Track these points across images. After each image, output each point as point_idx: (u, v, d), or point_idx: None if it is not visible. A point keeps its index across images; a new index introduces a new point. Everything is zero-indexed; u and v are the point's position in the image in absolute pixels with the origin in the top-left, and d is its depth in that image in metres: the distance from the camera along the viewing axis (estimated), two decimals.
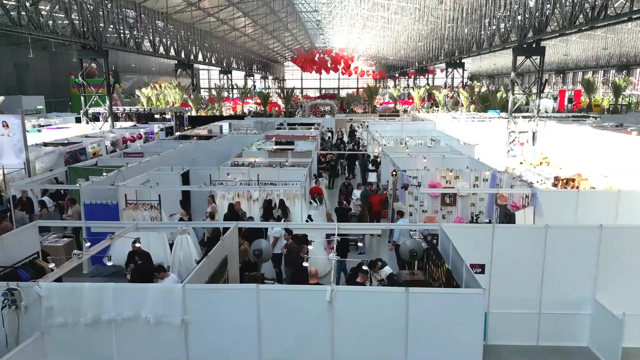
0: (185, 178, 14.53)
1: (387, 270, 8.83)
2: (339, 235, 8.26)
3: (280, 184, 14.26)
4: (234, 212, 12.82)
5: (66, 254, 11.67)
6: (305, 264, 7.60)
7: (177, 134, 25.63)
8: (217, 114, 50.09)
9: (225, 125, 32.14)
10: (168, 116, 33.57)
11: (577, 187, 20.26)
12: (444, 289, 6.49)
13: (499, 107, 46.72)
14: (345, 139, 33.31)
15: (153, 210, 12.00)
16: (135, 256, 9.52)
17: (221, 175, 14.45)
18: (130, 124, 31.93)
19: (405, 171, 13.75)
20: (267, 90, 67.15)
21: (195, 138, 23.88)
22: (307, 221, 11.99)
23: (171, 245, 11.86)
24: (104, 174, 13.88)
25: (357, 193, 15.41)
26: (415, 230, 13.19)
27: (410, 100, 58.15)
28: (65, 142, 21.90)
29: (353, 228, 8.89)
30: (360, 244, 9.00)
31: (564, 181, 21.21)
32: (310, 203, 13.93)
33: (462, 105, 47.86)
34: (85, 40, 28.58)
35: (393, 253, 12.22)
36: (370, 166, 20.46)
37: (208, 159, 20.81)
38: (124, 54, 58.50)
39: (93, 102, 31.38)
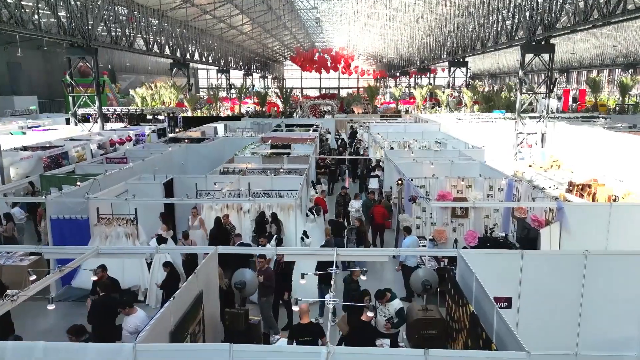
0: (169, 187, 13.17)
1: (397, 304, 7.45)
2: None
3: (274, 194, 12.91)
4: (221, 228, 11.47)
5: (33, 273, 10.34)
6: (294, 308, 6.19)
7: (169, 136, 24.27)
8: (215, 114, 48.78)
9: (220, 126, 30.79)
10: (161, 117, 32.20)
11: (594, 194, 18.93)
12: (477, 353, 5.09)
13: (503, 107, 45.38)
14: (346, 139, 31.92)
15: (129, 225, 10.64)
16: (97, 287, 8.13)
17: (208, 184, 13.09)
18: (122, 125, 30.60)
19: (411, 180, 12.39)
20: (266, 89, 65.72)
21: (186, 141, 22.52)
22: (302, 239, 10.62)
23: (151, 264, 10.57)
24: (78, 183, 12.53)
25: (355, 204, 14.03)
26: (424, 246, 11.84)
27: (412, 100, 56.75)
28: (48, 145, 20.57)
29: (354, 255, 7.50)
30: (363, 277, 7.53)
31: (579, 187, 19.85)
32: (307, 215, 12.57)
33: (466, 105, 46.48)
34: (73, 38, 27.23)
35: (399, 275, 10.88)
36: (372, 172, 19.06)
37: (199, 164, 19.49)
38: (121, 53, 57.16)
39: (82, 103, 30.04)
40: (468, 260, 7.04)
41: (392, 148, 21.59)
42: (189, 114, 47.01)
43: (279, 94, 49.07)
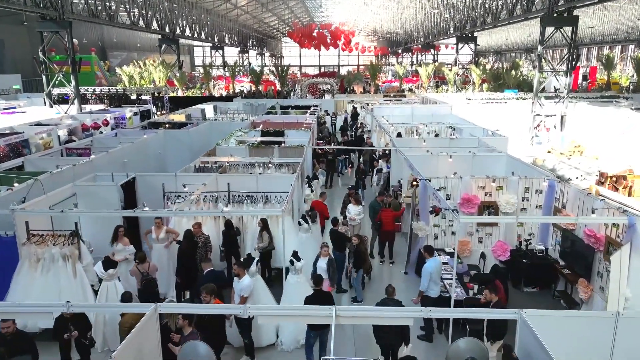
0: (131, 189, 10.72)
1: None
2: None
3: (260, 198, 10.47)
4: (191, 243, 9.09)
5: None
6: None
7: (147, 121, 21.64)
8: (208, 93, 45.97)
9: (209, 108, 28.12)
10: (146, 97, 29.51)
11: (630, 187, 16.50)
12: None
13: (513, 86, 42.58)
14: (341, 121, 29.25)
15: (66, 245, 8.23)
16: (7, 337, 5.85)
17: (179, 184, 10.65)
18: (101, 107, 27.94)
19: (429, 180, 9.94)
20: (262, 67, 62.56)
21: (166, 126, 19.96)
22: (291, 262, 8.23)
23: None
24: (15, 183, 10.08)
25: (353, 210, 11.58)
26: (446, 262, 9.48)
27: (415, 79, 53.76)
28: (8, 131, 18.02)
29: (363, 316, 5.10)
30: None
31: (613, 179, 17.40)
32: (300, 224, 10.16)
33: (474, 84, 43.66)
34: (44, 10, 24.45)
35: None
36: (380, 164, 16.48)
37: (179, 154, 17.01)
38: (110, 28, 53.92)
39: (57, 82, 27.38)
40: (533, 324, 4.70)
41: (399, 134, 19.06)
42: (180, 93, 44.25)
43: (276, 72, 46.13)
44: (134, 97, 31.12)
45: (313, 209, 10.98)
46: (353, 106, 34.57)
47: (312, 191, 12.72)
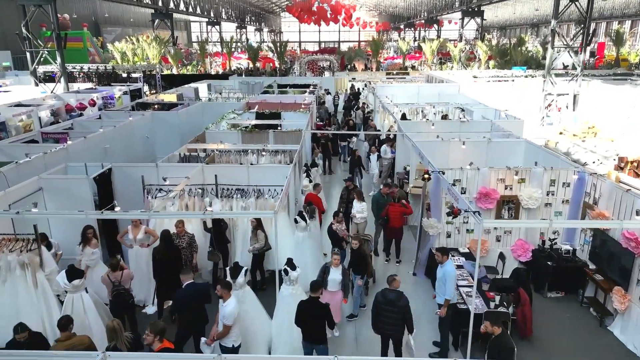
0: (107, 182, 9.54)
1: None
2: None
3: (252, 192, 9.31)
4: (169, 245, 7.97)
5: None
6: None
7: (135, 101, 20.28)
8: (204, 71, 44.37)
9: (202, 87, 26.71)
10: (136, 75, 28.05)
11: None
12: None
13: (521, 63, 40.97)
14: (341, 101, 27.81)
15: (24, 251, 7.10)
16: None
17: (161, 175, 9.47)
18: (90, 86, 26.53)
19: (443, 173, 8.76)
20: (260, 43, 60.53)
21: (155, 107, 18.66)
22: (285, 272, 7.11)
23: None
24: None
25: (358, 206, 10.29)
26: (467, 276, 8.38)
27: (418, 55, 51.96)
28: None
29: None
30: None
31: (634, 164, 16.22)
32: (296, 221, 9.02)
33: (480, 61, 42.03)
34: None
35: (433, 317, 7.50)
36: (383, 149, 15.20)
37: (168, 138, 15.79)
38: (103, 3, 51.87)
39: (42, 60, 25.98)
40: None
41: (403, 116, 17.79)
42: (175, 71, 42.70)
43: (274, 49, 44.39)
44: (125, 75, 29.69)
45: (311, 203, 9.82)
46: (352, 84, 33.04)
47: (310, 181, 11.54)
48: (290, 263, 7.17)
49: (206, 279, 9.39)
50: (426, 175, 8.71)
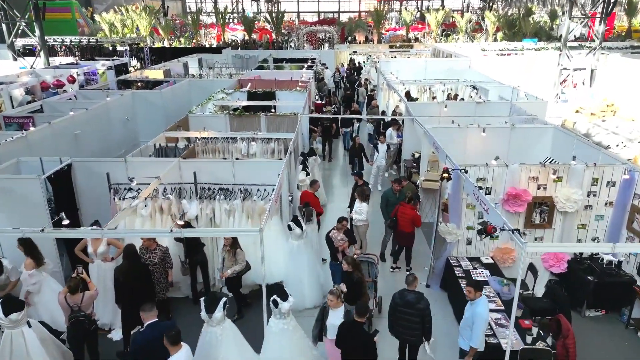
0: (66, 180, 8.08)
1: None
2: None
3: (238, 191, 7.87)
4: (136, 265, 6.59)
5: None
6: None
7: (116, 78, 18.58)
8: (197, 44, 42.28)
9: (193, 61, 24.92)
10: (122, 49, 26.20)
11: None
12: None
13: (530, 35, 38.95)
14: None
15: None
16: None
17: (131, 172, 8.01)
18: (72, 60, 24.75)
19: (465, 171, 7.30)
20: (257, 14, 57.90)
21: (138, 85, 17.02)
22: (274, 303, 5.72)
23: None
24: None
25: (361, 207, 8.80)
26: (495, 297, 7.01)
27: (421, 26, 49.66)
28: None
29: None
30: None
31: None
32: (290, 229, 7.61)
33: (487, 33, 39.95)
34: None
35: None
36: (390, 133, 13.63)
37: (152, 120, 14.27)
38: None
39: (19, 32, 24.12)
40: None
41: (407, 94, 16.17)
42: (166, 44, 40.70)
43: (270, 19, 42.18)
44: (112, 48, 27.83)
45: (308, 204, 8.38)
46: (351, 58, 31.14)
47: (307, 174, 10.07)
48: (280, 290, 5.77)
49: (186, 294, 8.06)
50: (445, 175, 7.27)
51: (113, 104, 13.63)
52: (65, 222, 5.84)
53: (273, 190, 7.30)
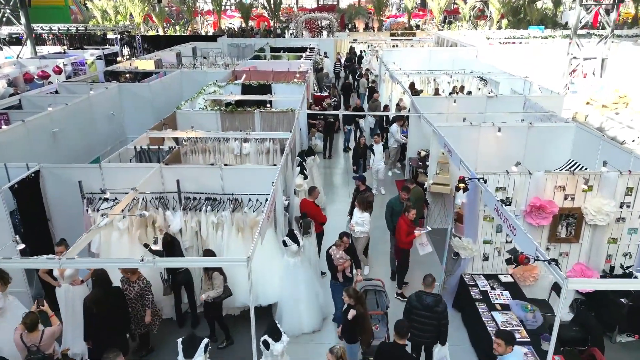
0: (34, 188, 7.19)
1: None
2: None
3: (227, 201, 7.01)
4: (108, 293, 5.74)
5: None
6: None
7: (104, 69, 17.58)
8: (192, 32, 41.09)
9: (187, 50, 23.86)
10: (112, 37, 25.12)
11: None
12: None
13: (536, 22, 37.85)
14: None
15: None
16: None
17: (107, 179, 7.14)
18: (60, 49, 23.69)
19: (485, 181, 6.42)
20: (255, 1, 56.42)
21: (127, 76, 16.05)
22: (264, 345, 4.89)
23: None
24: None
25: (361, 218, 7.94)
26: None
27: (422, 13, 48.40)
28: None
29: None
30: None
31: None
32: (285, 244, 6.75)
33: (492, 20, 38.79)
34: None
35: None
36: (395, 128, 12.64)
37: (140, 115, 13.39)
38: None
39: (4, 20, 23.12)
40: None
41: (412, 86, 15.22)
42: (161, 32, 39.51)
43: (268, 6, 40.94)
44: (112, 36, 26.63)
45: (306, 215, 7.50)
46: (351, 47, 30.08)
47: (305, 177, 9.17)
48: (272, 329, 4.93)
49: (169, 315, 7.23)
50: (462, 185, 6.41)
51: (97, 99, 12.68)
52: (20, 246, 4.98)
53: (267, 200, 6.44)
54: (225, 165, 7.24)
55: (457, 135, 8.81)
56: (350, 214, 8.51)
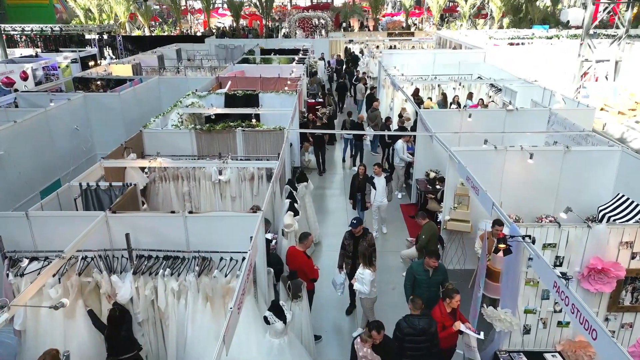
0: None
1: None
2: None
3: (193, 260, 5.39)
4: None
5: None
6: None
7: (71, 76, 15.81)
8: (180, 32, 39.31)
9: (171, 52, 22.14)
10: (90, 37, 23.36)
11: None
12: None
13: (539, 21, 36.39)
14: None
15: None
16: None
17: (36, 232, 5.51)
18: (33, 52, 21.91)
19: (533, 240, 4.82)
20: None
21: (98, 83, 14.35)
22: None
23: None
24: None
25: (363, 275, 6.27)
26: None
27: (418, 12, 46.82)
28: None
29: None
30: None
31: None
32: (267, 322, 5.13)
33: (493, 19, 37.28)
34: None
35: None
36: (400, 145, 10.90)
37: (108, 130, 11.74)
38: None
39: None
40: None
41: (416, 92, 13.65)
42: (146, 31, 37.72)
43: (259, 4, 39.23)
44: (91, 36, 24.82)
45: (295, 274, 5.86)
46: (346, 47, 28.55)
47: (296, 213, 7.53)
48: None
49: None
50: (502, 246, 4.83)
51: (57, 111, 10.98)
52: None
53: (244, 260, 4.83)
54: (190, 213, 5.58)
55: (477, 162, 7.23)
56: (339, 266, 6.88)
